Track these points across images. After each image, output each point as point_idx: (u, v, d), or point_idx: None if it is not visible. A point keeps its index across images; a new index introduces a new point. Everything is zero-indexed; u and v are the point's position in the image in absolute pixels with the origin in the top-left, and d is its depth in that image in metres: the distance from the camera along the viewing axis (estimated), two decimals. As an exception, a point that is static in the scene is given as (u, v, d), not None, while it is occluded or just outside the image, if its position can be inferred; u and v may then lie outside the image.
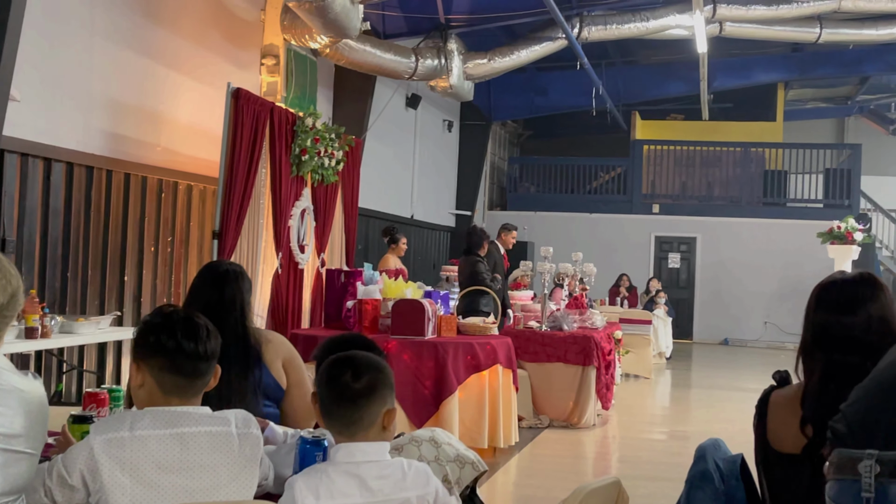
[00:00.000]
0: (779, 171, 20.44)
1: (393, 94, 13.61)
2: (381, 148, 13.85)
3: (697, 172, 20.87)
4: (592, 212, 20.25)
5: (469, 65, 12.73)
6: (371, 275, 7.88)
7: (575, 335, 9.07)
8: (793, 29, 14.41)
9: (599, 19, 13.04)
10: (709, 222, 20.02)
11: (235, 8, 9.54)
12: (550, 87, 17.97)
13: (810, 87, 22.23)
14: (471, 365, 7.14)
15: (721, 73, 17.60)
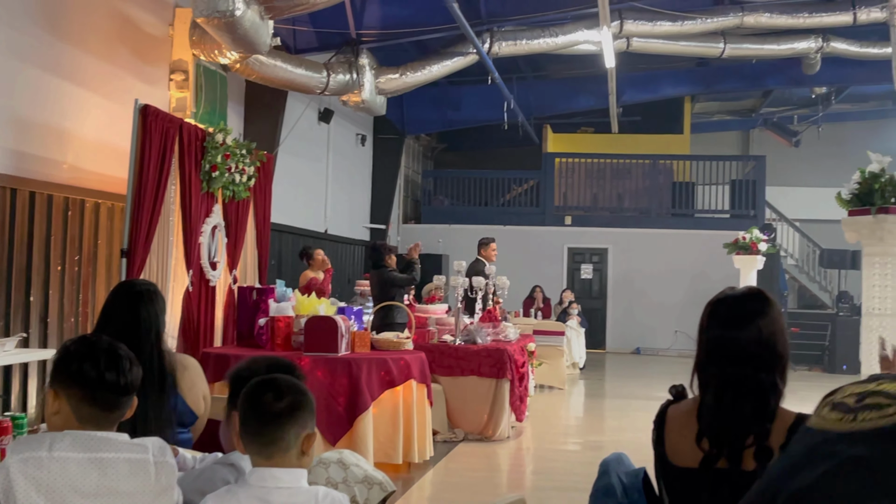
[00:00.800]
0: (687, 182, 20.85)
1: (305, 109, 13.57)
2: (294, 163, 13.80)
3: (608, 184, 21.18)
4: (506, 224, 20.41)
5: (381, 79, 12.76)
6: (283, 291, 7.84)
7: (488, 348, 9.13)
8: (698, 44, 14.75)
9: (509, 34, 13.19)
10: (620, 233, 20.33)
11: (142, 23, 9.42)
12: (463, 101, 18.10)
13: (716, 100, 22.76)
14: (384, 381, 7.15)
15: (629, 87, 17.90)
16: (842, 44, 15.35)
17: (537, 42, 13.30)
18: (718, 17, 13.69)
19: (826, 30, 14.89)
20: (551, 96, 18.92)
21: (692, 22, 13.51)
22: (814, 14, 13.78)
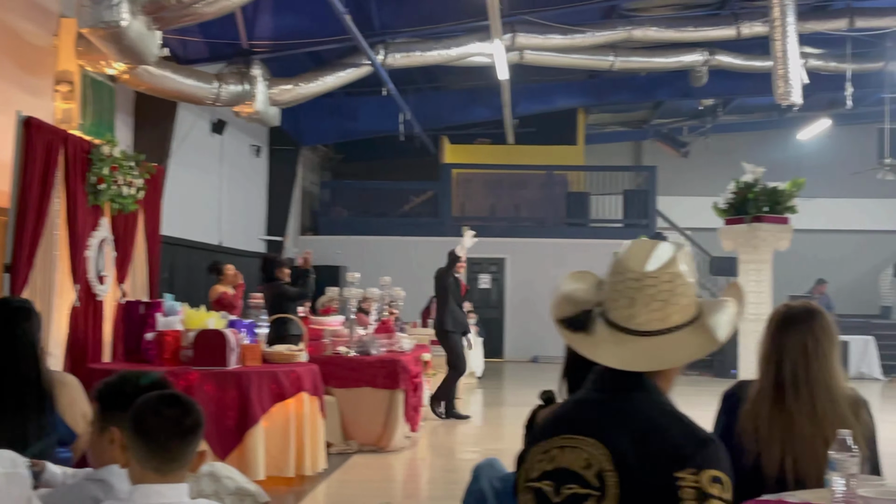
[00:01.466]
0: (581, 192, 21.20)
1: (197, 120, 13.43)
2: (187, 175, 13.63)
3: (505, 195, 21.42)
4: (404, 235, 20.46)
5: (274, 90, 12.70)
6: (172, 305, 7.75)
7: (382, 359, 9.15)
8: (589, 57, 15.04)
9: (403, 46, 13.26)
10: (517, 243, 20.55)
11: (26, 33, 9.22)
12: (359, 112, 18.11)
13: (609, 111, 23.21)
14: (275, 393, 7.11)
15: (523, 98, 18.13)
16: (727, 57, 15.81)
17: (431, 54, 13.40)
18: (607, 30, 13.98)
19: (712, 43, 15.31)
20: (447, 108, 19.06)
21: (582, 35, 13.76)
22: (699, 28, 14.17)
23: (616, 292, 2.26)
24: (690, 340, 2.25)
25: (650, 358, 2.21)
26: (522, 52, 14.17)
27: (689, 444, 2.09)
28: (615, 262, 2.28)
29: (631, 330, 2.22)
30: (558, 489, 2.12)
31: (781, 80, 12.07)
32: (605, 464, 2.09)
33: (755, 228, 6.60)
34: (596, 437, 2.12)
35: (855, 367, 17.87)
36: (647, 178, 21.20)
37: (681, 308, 2.24)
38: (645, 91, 18.90)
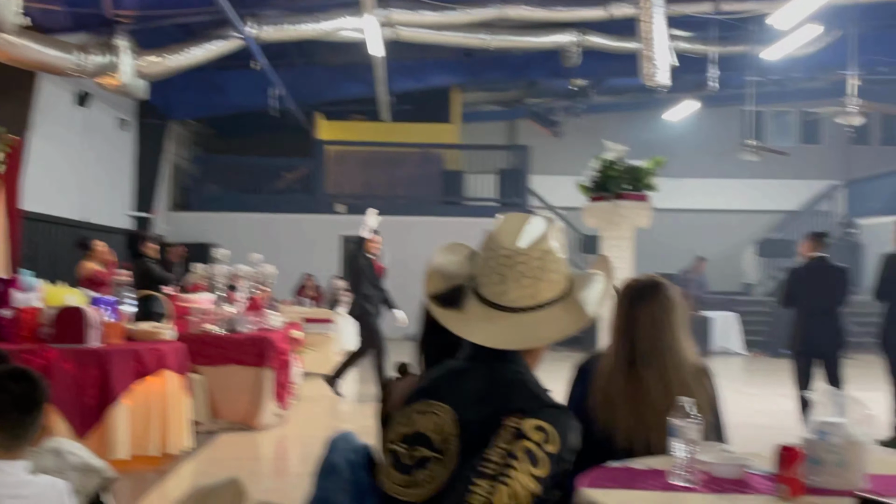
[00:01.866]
0: (456, 171, 21.30)
1: (60, 92, 13.00)
2: (50, 148, 13.18)
3: (380, 172, 21.36)
4: (278, 212, 20.25)
5: (141, 63, 12.35)
6: (29, 282, 7.50)
7: (251, 337, 9.05)
8: (463, 34, 15.09)
9: (274, 19, 13.07)
10: (392, 221, 20.44)
11: None
12: (230, 87, 17.78)
13: (484, 90, 23.33)
14: (138, 371, 6.96)
15: (398, 75, 18.08)
16: (598, 38, 16.05)
17: (302, 27, 13.24)
18: (481, 8, 14.04)
19: (583, 24, 15.52)
20: (321, 83, 18.88)
21: (455, 12, 13.79)
22: (571, 8, 14.35)
23: (488, 268, 2.29)
24: (561, 317, 2.30)
25: (522, 336, 2.25)
26: (396, 28, 14.12)
27: (529, 404, 2.13)
28: (488, 238, 2.31)
29: (502, 306, 2.26)
30: (410, 452, 2.15)
31: (649, 61, 12.33)
32: (451, 430, 2.13)
33: (617, 206, 6.74)
34: (448, 403, 2.16)
35: (718, 343, 18.47)
36: (520, 158, 21.41)
37: (551, 284, 2.27)
38: (519, 70, 19.05)
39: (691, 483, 2.71)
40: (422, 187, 21.09)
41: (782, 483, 2.59)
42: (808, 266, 9.09)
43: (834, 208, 25.01)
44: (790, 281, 9.22)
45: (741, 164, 20.84)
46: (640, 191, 6.70)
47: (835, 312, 8.88)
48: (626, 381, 3.24)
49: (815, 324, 8.86)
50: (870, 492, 2.62)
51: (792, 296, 9.10)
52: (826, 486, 2.68)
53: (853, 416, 2.78)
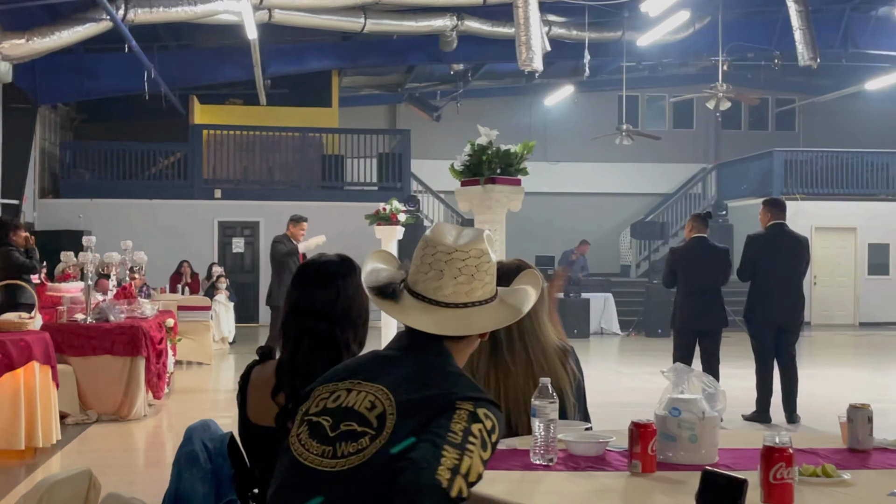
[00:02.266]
0: (336, 155, 21.17)
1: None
2: None
3: (258, 157, 21.09)
4: (153, 198, 19.83)
5: (5, 45, 11.97)
6: None
7: (122, 326, 8.84)
8: (339, 18, 14.99)
9: (145, 1, 12.76)
10: (271, 206, 20.28)
11: None
12: (101, 70, 17.32)
13: (363, 74, 23.25)
14: (3, 364, 6.74)
15: (275, 59, 17.88)
16: (475, 23, 16.14)
17: (175, 10, 12.97)
18: (357, -9, 13.98)
19: (460, 8, 15.59)
20: (196, 67, 18.54)
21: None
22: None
23: (426, 265, 2.36)
24: (496, 310, 2.40)
25: (457, 325, 2.32)
26: (271, 10, 13.94)
27: (474, 394, 2.19)
28: (425, 238, 2.40)
29: (437, 301, 2.33)
30: (336, 425, 2.17)
31: (524, 46, 12.47)
32: (389, 408, 2.16)
33: (489, 190, 6.80)
34: (380, 384, 2.20)
35: (595, 324, 18.82)
36: (401, 142, 21.41)
37: (484, 285, 2.37)
38: (398, 55, 19.05)
39: (550, 462, 2.75)
40: (301, 172, 20.90)
41: (635, 459, 2.65)
42: (689, 246, 9.33)
43: (705, 191, 25.72)
44: (671, 261, 9.45)
45: (617, 148, 21.25)
46: (513, 175, 6.79)
47: (715, 292, 9.14)
48: (490, 363, 3.29)
49: (696, 303, 9.10)
50: (718, 466, 2.70)
51: (673, 275, 9.32)
52: (679, 462, 2.75)
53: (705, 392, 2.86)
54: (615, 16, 17.03)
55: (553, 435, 2.78)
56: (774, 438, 2.39)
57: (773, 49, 18.34)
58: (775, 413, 9.02)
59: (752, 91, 21.55)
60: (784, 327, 8.98)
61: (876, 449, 3.03)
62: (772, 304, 8.88)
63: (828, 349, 17.31)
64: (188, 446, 2.81)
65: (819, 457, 2.87)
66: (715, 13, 15.77)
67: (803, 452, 2.92)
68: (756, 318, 9.02)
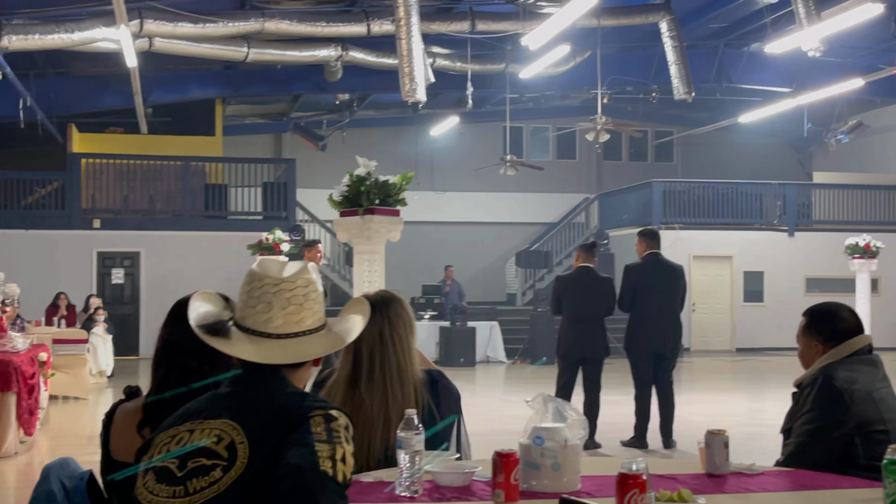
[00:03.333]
0: (220, 184, 20.92)
1: None
2: None
3: (139, 186, 20.68)
4: (29, 228, 19.26)
5: None
6: None
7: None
8: (222, 47, 14.88)
9: (20, 28, 12.46)
10: (152, 236, 19.94)
11: None
12: (-27, 97, 16.81)
13: (247, 103, 23.08)
14: None
15: (157, 87, 17.62)
16: (360, 53, 16.21)
17: (51, 38, 12.69)
18: (240, 21, 13.88)
19: (345, 39, 15.63)
20: (75, 94, 18.16)
21: (214, 25, 13.58)
22: (331, 24, 14.40)
23: (253, 299, 2.35)
24: (324, 337, 2.40)
25: (288, 353, 2.32)
26: (152, 39, 13.76)
27: (320, 403, 2.22)
28: (251, 273, 2.41)
29: (268, 333, 2.33)
30: (184, 465, 2.15)
31: (407, 77, 12.56)
32: (238, 437, 2.16)
33: (368, 220, 6.82)
34: (227, 418, 2.20)
35: (482, 352, 18.93)
36: (286, 171, 21.28)
37: (313, 314, 2.38)
38: (282, 84, 18.98)
39: (416, 493, 2.77)
40: (183, 201, 20.58)
41: (498, 489, 2.68)
42: (574, 275, 9.50)
43: (588, 220, 26.20)
44: (557, 289, 9.59)
45: (502, 178, 21.52)
46: (391, 205, 6.82)
47: (598, 320, 9.30)
48: (347, 394, 3.33)
49: (580, 331, 9.25)
50: (580, 493, 2.75)
51: (559, 303, 9.47)
52: (542, 490, 2.80)
53: (568, 421, 2.92)
54: (498, 48, 17.29)
55: (419, 466, 2.80)
56: (631, 466, 2.45)
57: (650, 83, 18.86)
58: (653, 439, 9.20)
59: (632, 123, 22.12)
60: (663, 354, 9.19)
61: (732, 473, 3.13)
62: (651, 332, 9.08)
63: (706, 375, 17.75)
64: (45, 485, 2.74)
65: (677, 482, 2.95)
66: (595, 47, 16.13)
67: (662, 478, 3.00)
68: (636, 346, 9.21)
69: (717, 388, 15.41)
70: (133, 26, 12.69)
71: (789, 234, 23.14)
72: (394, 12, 12.64)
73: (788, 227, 23.17)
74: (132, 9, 12.47)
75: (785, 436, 3.67)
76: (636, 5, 15.83)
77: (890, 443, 2.91)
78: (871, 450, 3.33)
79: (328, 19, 14.42)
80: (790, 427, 3.64)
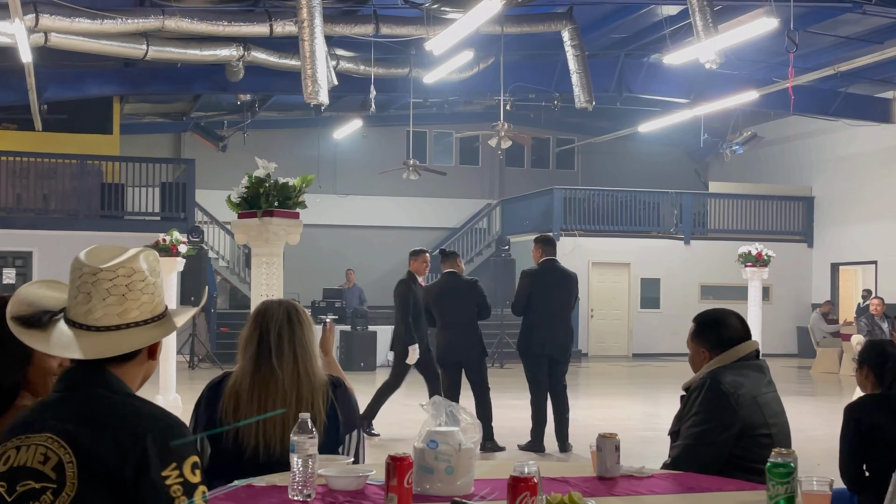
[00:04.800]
0: (117, 184, 20.50)
1: None
2: None
3: (33, 184, 20.12)
4: (-84, 227, 18.61)
5: None
6: None
7: None
8: (121, 44, 14.57)
9: None
10: (46, 236, 19.41)
11: None
12: None
13: (147, 101, 22.67)
14: None
15: (53, 83, 17.20)
16: (262, 54, 16.04)
17: (-61, 30, 12.28)
18: (139, 18, 13.62)
19: (247, 39, 15.45)
20: (-36, 89, 17.60)
21: (112, 21, 13.30)
22: (233, 23, 14.21)
23: (75, 290, 2.25)
24: (152, 329, 2.28)
25: (108, 346, 2.20)
26: (48, 34, 13.41)
27: (154, 424, 2.12)
28: (73, 262, 2.27)
29: (89, 326, 2.21)
30: (13, 488, 2.05)
31: (310, 80, 12.48)
32: (64, 455, 2.06)
33: (266, 223, 6.76)
34: (52, 432, 2.08)
35: (382, 356, 18.89)
36: (185, 171, 20.95)
37: (139, 305, 2.25)
38: (183, 83, 18.68)
39: (308, 497, 2.75)
40: (79, 201, 20.09)
41: (391, 493, 2.68)
42: (440, 283, 9.68)
43: (490, 226, 26.40)
44: (425, 299, 9.81)
45: (405, 183, 21.54)
46: (291, 208, 6.78)
47: (471, 324, 9.40)
48: (255, 377, 3.33)
49: (452, 335, 9.36)
50: (473, 496, 2.77)
51: (429, 312, 9.64)
52: (436, 493, 2.81)
53: (462, 425, 2.93)
54: (402, 53, 17.30)
55: (312, 470, 2.78)
56: (522, 469, 2.48)
57: (552, 90, 19.08)
58: (550, 442, 9.31)
59: (535, 130, 22.37)
60: (556, 359, 9.32)
61: (623, 476, 3.19)
62: (544, 337, 9.21)
63: (603, 380, 18.04)
64: None
65: (569, 485, 2.99)
66: (498, 54, 16.25)
67: (554, 481, 3.04)
68: (529, 351, 9.33)
69: (613, 393, 15.67)
70: (28, 20, 12.36)
71: (685, 243, 23.66)
72: (297, 13, 12.54)
73: (684, 236, 23.70)
74: (27, 2, 12.16)
75: (672, 438, 3.76)
76: (539, 14, 15.99)
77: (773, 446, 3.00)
78: (756, 453, 3.42)
79: (230, 19, 14.23)
80: (678, 429, 3.72)
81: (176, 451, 2.09)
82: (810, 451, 8.01)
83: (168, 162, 22.19)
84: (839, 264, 23.79)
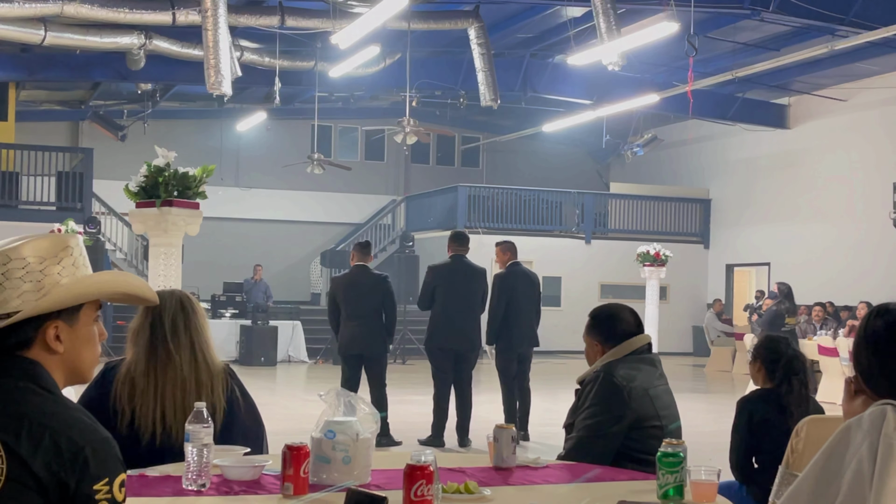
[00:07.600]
0: (11, 172, 19.94)
1: None
2: None
3: (-79, 171, 19.47)
4: None
5: None
6: None
7: None
8: (17, 29, 14.19)
9: None
10: (-66, 224, 18.80)
11: None
12: None
13: (44, 88, 22.08)
14: None
15: (-57, 66, 16.65)
16: (164, 43, 15.76)
17: None
18: (38, 2, 13.26)
19: (149, 27, 15.17)
20: None
21: (8, 5, 12.94)
22: (134, 10, 13.93)
23: None
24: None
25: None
26: (-61, 15, 12.98)
27: (85, 440, 2.03)
28: None
29: None
30: None
31: (213, 70, 12.32)
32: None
33: (165, 213, 6.65)
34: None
35: (283, 352, 18.77)
36: (83, 161, 20.47)
37: (21, 293, 2.15)
38: (81, 70, 18.24)
39: (203, 487, 2.72)
40: (-29, 189, 19.50)
41: (287, 482, 2.68)
42: (349, 274, 9.59)
43: (394, 222, 26.39)
44: (332, 289, 9.73)
45: (309, 177, 21.40)
46: (191, 198, 6.68)
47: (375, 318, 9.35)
48: (149, 361, 3.29)
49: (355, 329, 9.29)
50: (370, 486, 2.78)
51: (335, 303, 9.56)
52: (332, 483, 2.81)
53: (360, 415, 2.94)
54: (308, 46, 17.18)
55: (207, 460, 2.76)
56: (419, 458, 2.49)
57: (458, 88, 19.16)
58: (451, 438, 9.35)
59: (440, 128, 22.42)
60: (462, 354, 9.36)
61: (518, 467, 3.23)
62: (449, 332, 9.24)
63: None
64: None
65: (466, 475, 3.02)
66: (405, 50, 16.26)
67: (451, 471, 3.06)
68: (434, 345, 9.35)
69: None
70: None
71: (586, 242, 23.99)
72: (200, 2, 12.37)
73: (586, 235, 24.03)
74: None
75: (567, 430, 3.82)
76: (446, 11, 16.05)
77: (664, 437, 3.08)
78: (647, 444, 3.50)
79: (131, 6, 13.93)
80: (572, 422, 3.78)
81: (110, 466, 2.03)
82: (701, 444, 8.18)
83: (65, 150, 21.67)
84: (734, 265, 24.39)
